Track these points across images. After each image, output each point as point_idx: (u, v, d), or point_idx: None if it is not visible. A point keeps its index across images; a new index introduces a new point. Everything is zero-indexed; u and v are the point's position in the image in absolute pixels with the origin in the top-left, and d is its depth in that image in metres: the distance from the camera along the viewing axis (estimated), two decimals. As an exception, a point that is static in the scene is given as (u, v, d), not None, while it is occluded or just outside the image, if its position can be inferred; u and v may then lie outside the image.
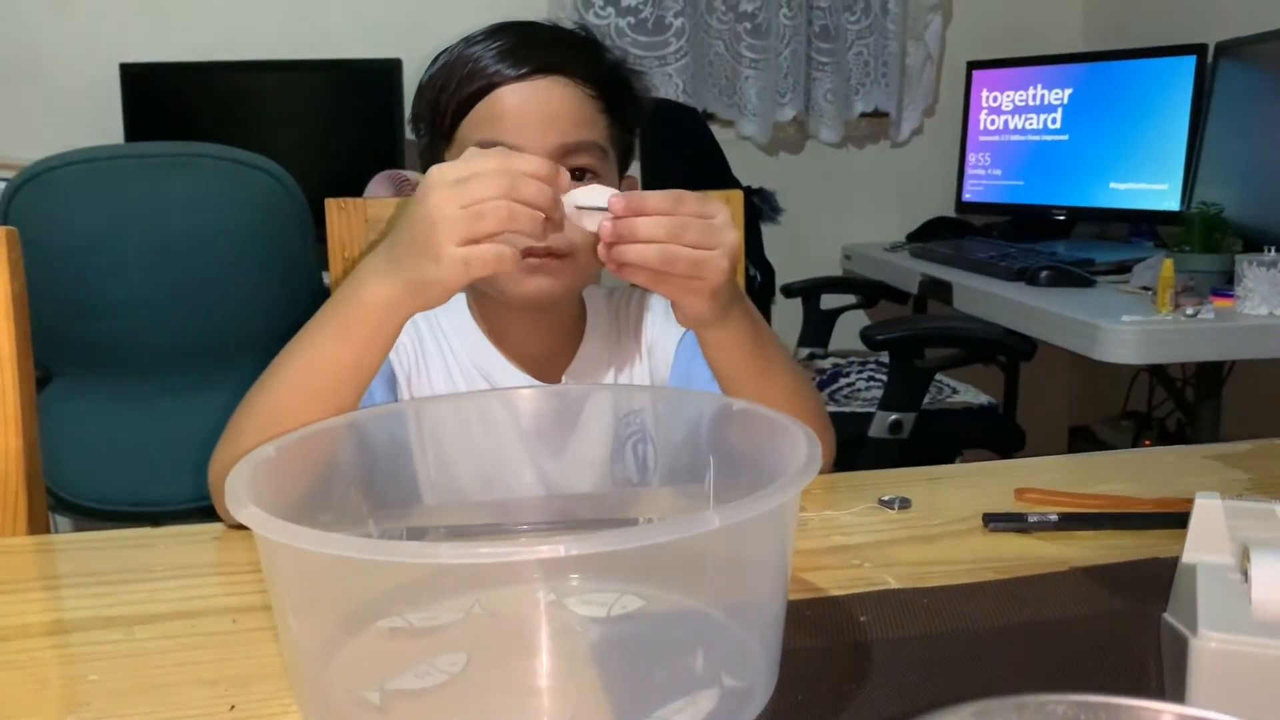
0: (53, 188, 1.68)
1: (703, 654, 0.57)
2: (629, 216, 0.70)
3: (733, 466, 0.68)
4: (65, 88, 2.41)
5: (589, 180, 0.89)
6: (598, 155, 0.91)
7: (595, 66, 0.93)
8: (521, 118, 0.88)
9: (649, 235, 0.70)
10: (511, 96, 0.89)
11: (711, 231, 0.72)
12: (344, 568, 0.49)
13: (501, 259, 0.69)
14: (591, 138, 0.91)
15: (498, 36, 0.91)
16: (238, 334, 1.83)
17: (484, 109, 0.89)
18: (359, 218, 1.16)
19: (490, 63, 0.89)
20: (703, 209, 0.72)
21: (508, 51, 0.90)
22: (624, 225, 0.70)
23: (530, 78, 0.89)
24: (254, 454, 0.57)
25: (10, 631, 0.67)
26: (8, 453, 0.92)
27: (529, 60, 0.89)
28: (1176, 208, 2.21)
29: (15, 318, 0.92)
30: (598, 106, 0.92)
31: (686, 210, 0.71)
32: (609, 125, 0.93)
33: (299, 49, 2.45)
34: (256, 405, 0.79)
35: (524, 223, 0.69)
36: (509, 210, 0.68)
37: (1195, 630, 0.46)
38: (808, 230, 2.75)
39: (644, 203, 0.71)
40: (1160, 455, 1.01)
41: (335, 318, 0.77)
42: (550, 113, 0.89)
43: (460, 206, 0.68)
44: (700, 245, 0.71)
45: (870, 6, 2.76)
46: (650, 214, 0.70)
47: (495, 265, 0.69)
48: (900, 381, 1.90)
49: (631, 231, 0.70)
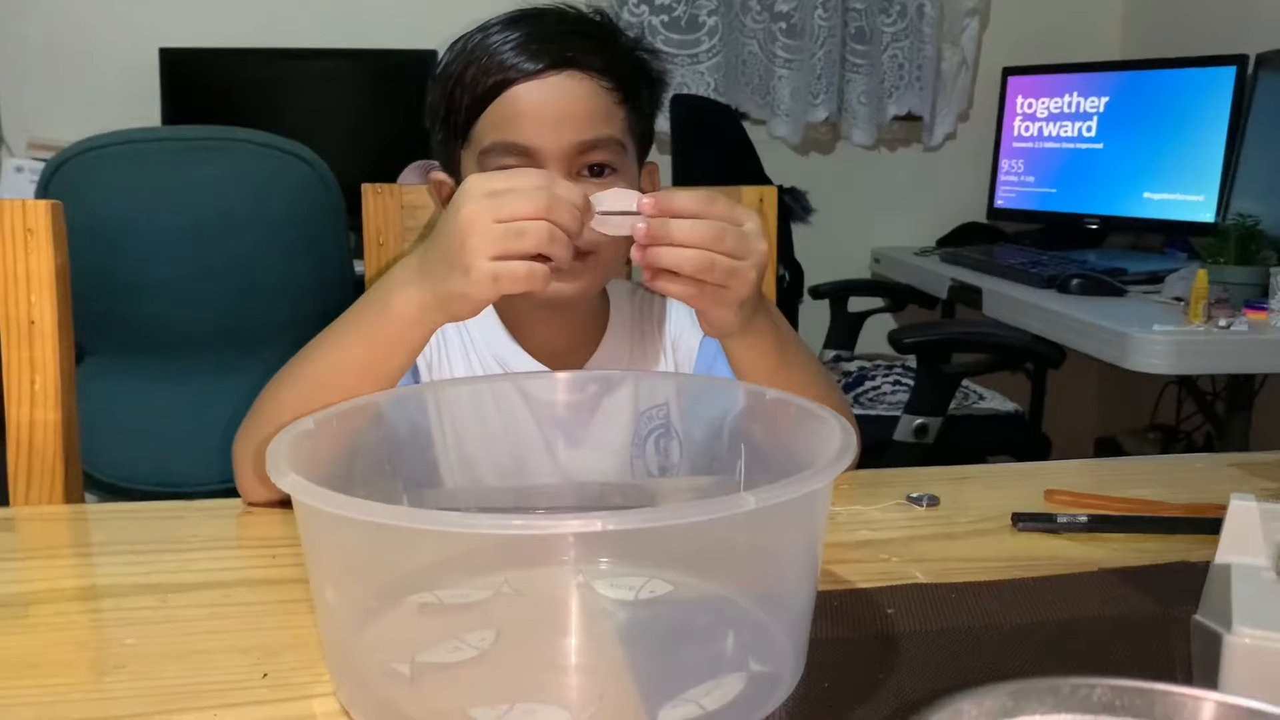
0: (90, 168, 1.70)
1: (730, 639, 0.57)
2: (661, 217, 0.69)
3: (763, 456, 0.68)
4: (105, 71, 2.44)
5: (608, 176, 0.89)
6: (616, 150, 0.90)
7: (612, 56, 0.91)
8: (538, 117, 0.87)
9: (685, 239, 0.69)
10: (527, 95, 0.87)
11: (745, 240, 0.70)
12: (382, 538, 0.49)
13: (533, 277, 0.69)
14: (609, 133, 0.89)
15: (512, 28, 0.89)
16: (269, 318, 1.84)
17: (499, 108, 0.88)
18: (395, 203, 1.17)
19: (506, 58, 0.87)
20: (733, 214, 0.70)
21: (522, 46, 0.88)
22: (659, 226, 0.68)
23: (546, 74, 0.87)
24: (294, 425, 0.58)
25: (47, 595, 0.68)
26: (46, 425, 0.93)
27: (544, 55, 0.87)
28: (1212, 219, 2.19)
29: (58, 291, 0.94)
30: (615, 99, 0.90)
31: (718, 213, 0.69)
32: (626, 116, 0.92)
33: (336, 38, 2.48)
34: (280, 398, 0.79)
35: (560, 248, 0.69)
36: (550, 232, 0.68)
37: (1230, 627, 0.46)
38: (837, 232, 2.74)
39: (673, 202, 0.69)
40: (1190, 462, 1.00)
41: (363, 322, 0.77)
42: (567, 110, 0.87)
43: (495, 220, 0.68)
44: (734, 254, 0.70)
45: (906, 9, 2.75)
46: (681, 214, 0.69)
47: (526, 283, 0.69)
48: (927, 385, 1.90)
49: (666, 233, 0.69)
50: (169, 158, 1.75)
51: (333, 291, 1.85)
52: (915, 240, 2.78)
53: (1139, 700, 0.33)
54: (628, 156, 0.92)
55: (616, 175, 0.90)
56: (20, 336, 0.93)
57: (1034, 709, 0.33)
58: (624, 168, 0.91)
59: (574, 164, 0.87)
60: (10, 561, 0.75)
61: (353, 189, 1.24)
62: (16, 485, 0.93)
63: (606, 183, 0.88)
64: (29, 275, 0.93)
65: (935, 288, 2.39)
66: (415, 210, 1.16)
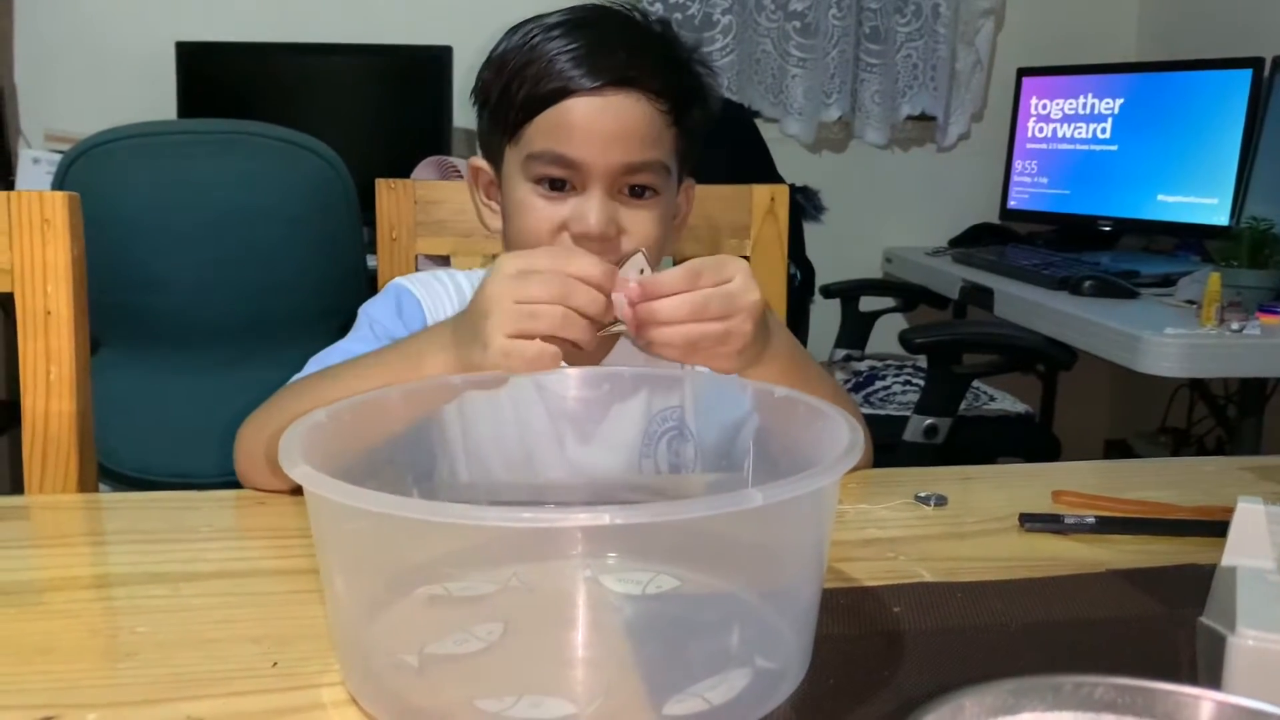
0: (106, 160, 1.71)
1: (736, 635, 0.57)
2: (646, 301, 0.71)
3: (771, 454, 0.68)
4: (122, 65, 2.46)
5: (648, 198, 0.89)
6: (660, 174, 0.90)
7: (670, 76, 0.90)
8: (589, 134, 0.86)
9: (670, 317, 0.72)
10: (582, 109, 0.86)
11: (732, 300, 0.73)
12: (393, 529, 0.50)
13: (541, 358, 0.71)
14: (657, 157, 0.89)
15: (576, 34, 0.88)
16: (282, 312, 1.85)
17: (553, 116, 0.87)
18: (408, 199, 1.17)
19: (565, 67, 0.87)
20: (719, 275, 0.73)
21: (584, 58, 0.87)
22: (644, 311, 0.72)
23: (604, 91, 0.86)
24: (307, 417, 0.58)
25: (60, 582, 0.69)
26: (61, 415, 0.94)
27: (604, 72, 0.86)
28: (1226, 222, 2.18)
29: (75, 282, 0.94)
30: (667, 121, 0.89)
31: (704, 284, 0.72)
32: (675, 139, 0.91)
33: (352, 33, 2.48)
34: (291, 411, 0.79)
35: (576, 331, 0.71)
36: (563, 317, 0.70)
37: (1234, 628, 0.46)
38: (849, 232, 2.74)
39: (659, 286, 0.72)
40: (1199, 465, 1.00)
41: (393, 368, 0.78)
42: (619, 130, 0.87)
43: (514, 301, 0.70)
44: (723, 317, 0.73)
45: (921, 9, 2.75)
46: (665, 294, 0.72)
47: (534, 364, 0.71)
48: (937, 386, 1.90)
49: (652, 316, 0.72)
50: (184, 151, 1.76)
51: (346, 285, 1.86)
52: (927, 240, 2.77)
53: (1140, 699, 0.33)
54: (670, 180, 0.92)
55: (657, 198, 0.90)
56: (37, 326, 0.94)
57: (1035, 706, 0.34)
58: (665, 190, 0.91)
59: (617, 182, 0.87)
60: (24, 549, 0.76)
61: (367, 184, 1.25)
62: (31, 474, 0.94)
63: (644, 204, 0.89)
64: (46, 266, 0.94)
65: (947, 288, 2.38)
66: (428, 205, 1.17)
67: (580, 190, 0.87)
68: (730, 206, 1.23)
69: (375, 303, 0.98)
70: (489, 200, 0.97)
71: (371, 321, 0.95)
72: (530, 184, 0.88)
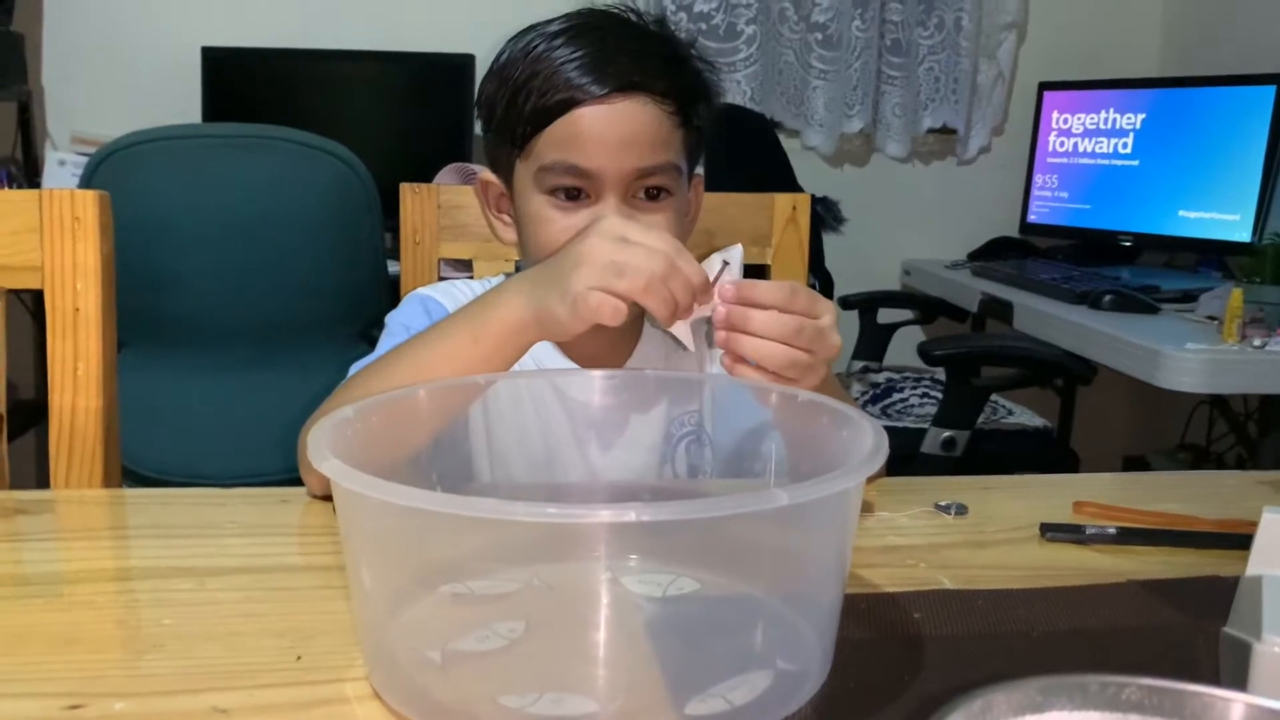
0: (131, 163, 1.73)
1: (758, 636, 0.57)
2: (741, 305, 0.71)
3: (794, 458, 0.68)
4: (148, 69, 2.48)
5: (662, 199, 0.89)
6: (673, 175, 0.90)
7: (674, 77, 0.90)
8: (601, 142, 0.87)
9: (765, 332, 0.71)
10: (591, 118, 0.87)
11: (820, 337, 0.73)
12: (419, 523, 0.50)
13: (603, 306, 0.71)
14: (668, 158, 0.89)
15: (579, 42, 0.89)
16: (303, 316, 1.86)
17: (562, 127, 0.87)
18: (432, 203, 1.18)
19: (572, 77, 0.87)
20: (813, 308, 0.73)
21: (589, 66, 0.87)
22: (738, 314, 0.71)
23: (611, 98, 0.87)
24: (334, 413, 0.59)
25: (85, 575, 0.69)
26: (89, 411, 0.95)
27: (611, 79, 0.87)
28: (1248, 239, 2.17)
29: (104, 281, 0.95)
30: (674, 121, 0.90)
31: (798, 307, 0.72)
32: (684, 138, 0.91)
33: (376, 41, 2.50)
34: (370, 386, 0.79)
35: (655, 303, 0.71)
36: (647, 282, 0.70)
37: (1259, 636, 0.46)
38: (868, 243, 2.74)
39: (755, 293, 0.72)
40: (1219, 479, 1.00)
41: (470, 322, 0.79)
42: (630, 136, 0.87)
43: (610, 259, 0.71)
44: (810, 349, 0.72)
45: (944, 22, 2.75)
46: (762, 305, 0.71)
47: (597, 313, 0.71)
48: (956, 398, 1.89)
49: (745, 322, 0.71)
50: (209, 154, 1.78)
51: (366, 290, 1.87)
52: (946, 253, 2.77)
53: (1168, 700, 0.33)
54: (681, 178, 0.92)
55: (671, 199, 0.90)
56: (65, 324, 0.95)
57: (1063, 705, 0.34)
58: (678, 189, 0.91)
59: (631, 188, 0.88)
60: (50, 542, 0.77)
61: (389, 190, 1.26)
62: (57, 469, 0.95)
63: (660, 206, 0.89)
64: (75, 264, 0.95)
65: (966, 301, 2.38)
66: (452, 210, 1.17)
67: (595, 199, 0.87)
68: (752, 214, 1.23)
69: (401, 311, 0.99)
70: (500, 213, 0.97)
71: (403, 326, 0.95)
72: (544, 196, 0.88)
